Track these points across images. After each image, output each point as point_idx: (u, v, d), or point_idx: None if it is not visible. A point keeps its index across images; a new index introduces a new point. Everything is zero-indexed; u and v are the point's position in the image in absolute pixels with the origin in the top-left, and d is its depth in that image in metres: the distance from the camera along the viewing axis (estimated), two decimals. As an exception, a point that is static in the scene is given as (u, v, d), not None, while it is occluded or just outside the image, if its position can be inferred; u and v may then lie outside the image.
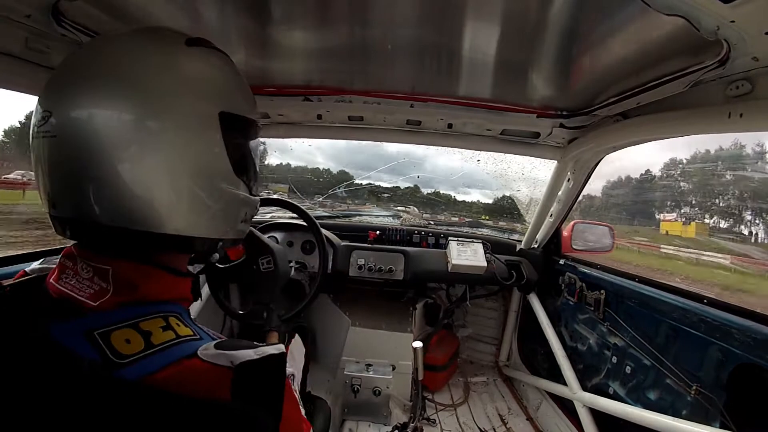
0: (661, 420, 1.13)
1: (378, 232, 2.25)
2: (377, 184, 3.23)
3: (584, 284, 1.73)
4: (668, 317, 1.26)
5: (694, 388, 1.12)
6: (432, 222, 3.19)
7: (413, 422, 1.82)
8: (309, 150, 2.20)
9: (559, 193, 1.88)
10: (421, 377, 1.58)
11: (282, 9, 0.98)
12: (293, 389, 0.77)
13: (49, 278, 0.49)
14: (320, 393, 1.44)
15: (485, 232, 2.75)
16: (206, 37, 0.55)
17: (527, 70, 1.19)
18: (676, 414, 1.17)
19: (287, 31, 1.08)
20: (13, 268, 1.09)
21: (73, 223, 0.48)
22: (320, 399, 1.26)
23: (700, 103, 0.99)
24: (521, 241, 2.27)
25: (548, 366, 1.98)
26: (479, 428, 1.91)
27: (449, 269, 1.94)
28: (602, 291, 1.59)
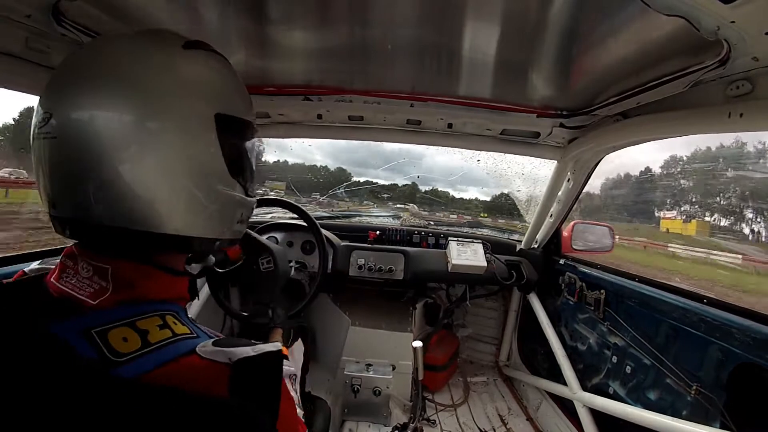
0: (661, 420, 1.13)
1: (378, 232, 2.25)
2: (375, 181, 3.23)
3: (584, 284, 1.73)
4: (668, 317, 1.26)
5: (694, 387, 1.12)
6: (432, 222, 3.19)
7: (413, 422, 1.82)
8: (307, 147, 2.21)
9: (559, 193, 1.88)
10: (421, 377, 1.58)
11: (282, 9, 0.98)
12: (293, 388, 0.77)
13: (50, 277, 0.50)
14: (320, 393, 1.44)
15: (485, 232, 2.75)
16: (206, 37, 0.55)
17: (527, 70, 1.19)
18: (676, 414, 1.17)
19: (287, 31, 1.08)
20: (12, 268, 1.09)
21: (74, 223, 0.48)
22: (320, 399, 1.26)
23: (700, 103, 0.99)
24: (521, 241, 2.27)
25: (548, 366, 1.98)
26: (479, 428, 1.91)
27: (449, 269, 1.94)
28: (602, 291, 1.59)
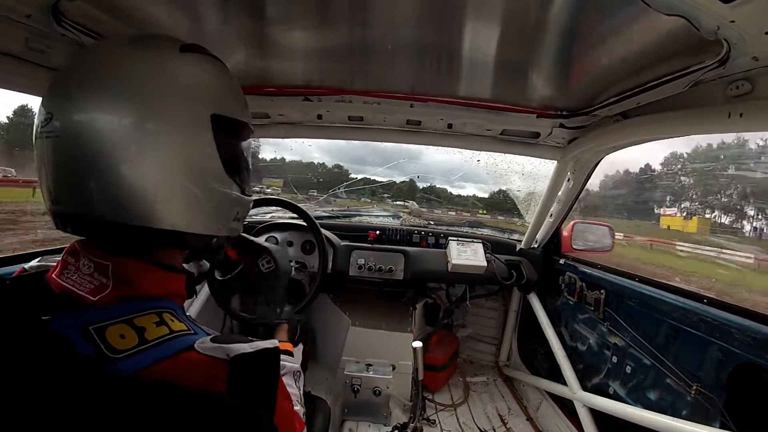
0: (661, 420, 1.13)
1: (378, 232, 2.25)
2: (373, 178, 3.23)
3: (584, 284, 1.73)
4: (668, 317, 1.26)
5: (694, 387, 1.12)
6: (432, 222, 3.19)
7: (413, 422, 1.82)
8: (304, 145, 2.21)
9: (559, 193, 1.88)
10: (421, 377, 1.58)
11: (282, 9, 0.98)
12: (297, 385, 0.78)
13: (51, 273, 0.51)
14: (320, 393, 1.44)
15: (485, 232, 2.75)
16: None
17: (527, 70, 1.19)
18: (676, 414, 1.17)
19: (287, 31, 1.08)
20: (12, 268, 1.09)
21: (75, 218, 0.50)
22: (320, 399, 1.26)
23: (700, 103, 0.99)
24: (521, 241, 2.27)
25: (548, 366, 1.98)
26: (479, 428, 1.91)
27: (449, 269, 1.94)
28: (602, 291, 1.59)
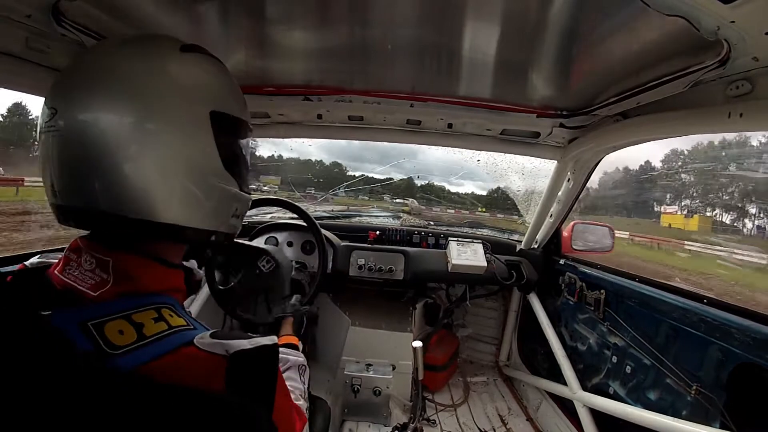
0: (661, 420, 1.13)
1: (378, 233, 2.25)
2: (371, 176, 3.22)
3: (584, 284, 1.73)
4: (668, 317, 1.26)
5: (694, 387, 1.12)
6: (432, 221, 3.19)
7: (413, 422, 1.82)
8: (302, 142, 2.20)
9: (559, 193, 1.88)
10: (421, 377, 1.58)
11: (282, 9, 0.98)
12: (301, 379, 0.79)
13: (53, 269, 0.51)
14: (320, 393, 1.44)
15: (485, 232, 2.75)
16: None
17: (527, 70, 1.19)
18: (676, 414, 1.17)
19: (287, 31, 1.08)
20: (12, 268, 1.09)
21: (77, 212, 0.50)
22: (320, 399, 1.26)
23: (700, 103, 0.99)
24: (521, 241, 2.27)
25: (548, 366, 1.98)
26: (479, 428, 1.91)
27: (449, 269, 1.94)
28: (602, 291, 1.59)
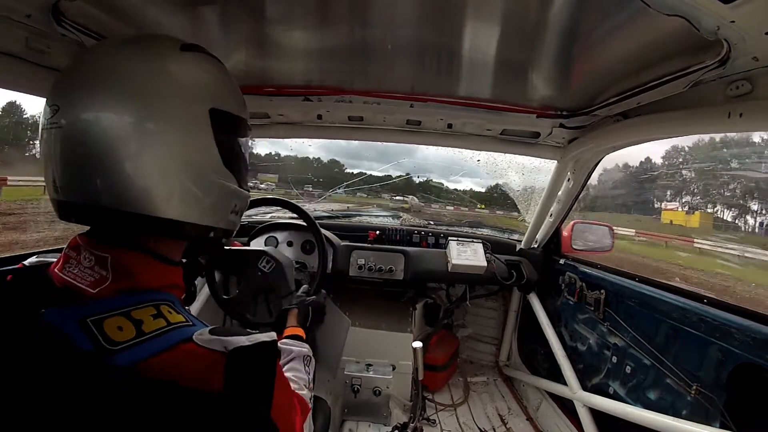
0: (661, 420, 1.13)
1: (378, 232, 2.25)
2: (369, 173, 3.21)
3: (584, 284, 1.73)
4: (668, 317, 1.26)
5: (694, 387, 1.12)
6: (432, 220, 3.19)
7: (413, 422, 1.82)
8: (300, 140, 2.19)
9: (559, 193, 1.88)
10: (421, 377, 1.58)
11: (282, 9, 0.98)
12: (306, 370, 0.79)
13: (53, 267, 0.51)
14: (320, 393, 1.44)
15: (485, 231, 2.75)
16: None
17: (527, 70, 1.18)
18: (676, 414, 1.17)
19: (287, 31, 1.08)
20: (12, 268, 1.09)
21: (77, 208, 0.51)
22: (320, 399, 1.26)
23: (700, 103, 0.98)
24: (521, 241, 2.27)
25: (548, 366, 1.98)
26: (479, 428, 1.91)
27: (449, 269, 1.94)
28: (602, 291, 1.59)
